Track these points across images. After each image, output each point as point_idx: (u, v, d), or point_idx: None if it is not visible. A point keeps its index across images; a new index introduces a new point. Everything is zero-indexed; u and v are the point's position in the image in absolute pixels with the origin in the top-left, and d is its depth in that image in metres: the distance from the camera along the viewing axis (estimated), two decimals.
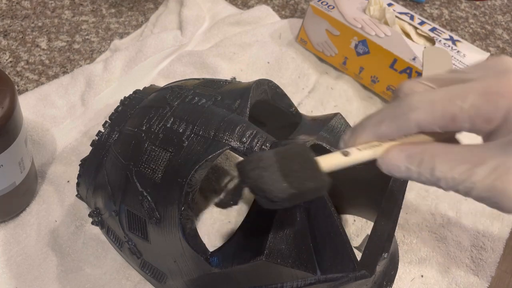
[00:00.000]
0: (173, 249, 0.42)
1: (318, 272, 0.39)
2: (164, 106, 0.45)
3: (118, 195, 0.43)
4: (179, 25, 0.73)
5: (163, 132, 0.43)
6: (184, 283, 0.44)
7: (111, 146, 0.46)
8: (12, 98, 0.45)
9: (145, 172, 0.42)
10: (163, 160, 0.41)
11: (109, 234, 0.48)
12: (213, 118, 0.42)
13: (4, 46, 0.69)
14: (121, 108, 0.48)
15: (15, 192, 0.50)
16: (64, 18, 0.74)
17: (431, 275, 0.52)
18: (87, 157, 0.48)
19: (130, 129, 0.45)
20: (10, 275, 0.49)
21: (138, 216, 0.43)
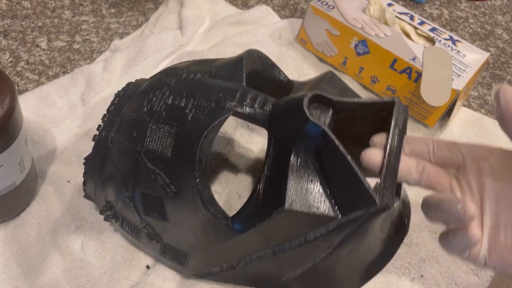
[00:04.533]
0: (193, 221, 0.42)
1: (339, 215, 0.38)
2: (161, 87, 0.45)
3: (130, 180, 0.44)
4: (179, 25, 0.73)
5: (165, 110, 0.43)
6: (207, 257, 0.45)
7: (115, 136, 0.46)
8: (12, 98, 0.45)
9: (154, 150, 0.42)
10: (170, 135, 0.42)
11: (123, 226, 0.48)
12: (212, 89, 0.43)
13: (4, 46, 0.69)
14: (118, 100, 0.48)
15: (15, 192, 0.50)
16: (64, 18, 0.74)
17: (431, 275, 0.52)
18: (90, 154, 0.48)
19: (131, 114, 0.46)
20: (10, 275, 0.49)
21: (153, 196, 0.43)
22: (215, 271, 0.46)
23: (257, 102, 0.42)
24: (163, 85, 0.45)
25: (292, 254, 0.41)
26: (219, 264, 0.46)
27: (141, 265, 0.50)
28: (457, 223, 0.38)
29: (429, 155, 0.41)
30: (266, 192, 0.40)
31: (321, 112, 0.41)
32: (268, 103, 0.43)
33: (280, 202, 0.38)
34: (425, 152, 0.41)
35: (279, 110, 0.42)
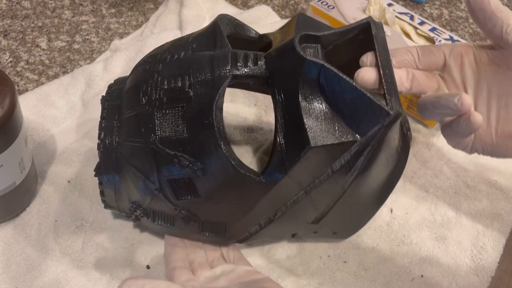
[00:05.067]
0: (227, 189, 0.43)
1: (358, 137, 0.41)
2: (151, 75, 0.45)
3: (153, 173, 0.43)
4: (179, 25, 0.73)
5: (165, 95, 0.43)
6: (246, 220, 0.46)
7: (120, 138, 0.46)
8: (12, 98, 0.45)
9: (169, 136, 0.42)
10: (179, 117, 0.42)
11: (156, 220, 0.47)
12: (202, 61, 0.43)
13: (4, 46, 0.69)
14: (107, 104, 0.48)
15: (15, 192, 0.50)
16: (64, 18, 0.74)
17: (431, 275, 0.52)
18: (100, 164, 0.46)
19: (129, 111, 0.45)
20: (10, 275, 0.49)
21: (181, 179, 0.43)
22: (255, 231, 0.47)
23: (249, 60, 0.43)
24: (152, 73, 0.45)
25: (322, 189, 0.44)
26: (258, 223, 0.47)
27: (141, 265, 0.50)
28: (454, 115, 0.42)
29: (415, 63, 0.46)
30: (287, 139, 0.42)
31: (312, 50, 0.43)
32: (260, 58, 0.43)
33: (304, 142, 0.40)
34: (411, 60, 0.46)
35: (274, 60, 0.43)
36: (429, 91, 0.46)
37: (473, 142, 0.46)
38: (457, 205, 0.58)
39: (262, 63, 0.43)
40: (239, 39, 0.48)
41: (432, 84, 0.46)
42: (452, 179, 0.60)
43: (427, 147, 0.62)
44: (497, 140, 0.45)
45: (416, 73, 0.46)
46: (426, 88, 0.46)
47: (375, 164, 0.43)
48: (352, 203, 0.47)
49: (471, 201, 0.58)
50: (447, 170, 0.60)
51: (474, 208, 0.57)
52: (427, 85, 0.46)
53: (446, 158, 0.62)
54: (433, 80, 0.46)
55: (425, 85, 0.46)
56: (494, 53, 0.45)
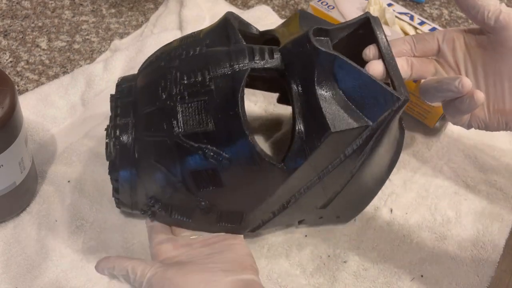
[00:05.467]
0: (250, 177, 0.44)
1: (370, 123, 0.43)
2: (168, 71, 0.46)
3: (176, 166, 0.44)
4: (179, 25, 0.73)
5: (185, 89, 0.44)
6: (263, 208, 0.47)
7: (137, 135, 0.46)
8: (12, 98, 0.45)
9: (193, 129, 0.43)
10: (203, 110, 0.44)
11: (173, 215, 0.48)
12: (219, 57, 0.45)
13: (4, 46, 0.69)
14: (119, 102, 0.48)
15: (15, 192, 0.50)
16: (64, 18, 0.74)
17: (431, 275, 0.52)
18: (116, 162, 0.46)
19: (149, 107, 0.46)
20: (10, 275, 0.49)
21: (205, 170, 0.44)
22: (268, 218, 0.49)
23: (266, 53, 0.45)
24: (169, 69, 0.46)
25: (334, 174, 0.46)
26: (272, 211, 0.48)
27: None
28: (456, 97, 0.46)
29: (412, 51, 0.50)
30: (306, 127, 0.44)
31: (323, 42, 0.45)
32: (275, 51, 0.45)
33: (324, 128, 0.42)
34: (408, 49, 0.50)
35: (289, 52, 0.45)
36: (428, 75, 0.50)
37: (469, 119, 0.50)
38: (457, 205, 0.58)
39: (278, 56, 0.45)
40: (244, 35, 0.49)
41: (430, 69, 0.50)
42: (452, 179, 0.60)
43: (427, 147, 0.62)
44: (489, 116, 0.49)
45: (414, 60, 0.50)
46: (424, 73, 0.50)
47: (380, 148, 0.46)
48: (356, 187, 0.49)
49: (471, 201, 0.58)
50: (447, 170, 0.60)
51: (474, 208, 0.57)
52: (426, 70, 0.50)
53: (446, 158, 0.62)
54: (430, 65, 0.50)
55: (423, 70, 0.50)
56: (481, 37, 0.49)
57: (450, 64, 0.50)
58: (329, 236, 0.54)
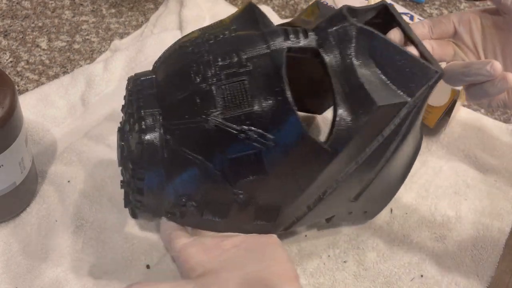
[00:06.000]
0: (295, 159, 0.43)
1: (409, 98, 0.43)
2: (199, 55, 0.44)
3: (214, 153, 0.42)
4: (179, 25, 0.73)
5: (221, 71, 0.43)
6: (300, 200, 0.46)
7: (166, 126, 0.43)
8: (12, 98, 0.45)
9: (234, 111, 0.42)
10: (243, 90, 0.42)
11: (205, 215, 0.45)
12: (253, 38, 0.44)
13: (5, 46, 0.69)
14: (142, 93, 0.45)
15: (16, 192, 0.50)
16: (64, 18, 0.74)
17: (431, 275, 0.52)
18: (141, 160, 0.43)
19: (180, 93, 0.43)
20: (10, 275, 0.49)
21: (246, 156, 0.42)
22: (303, 214, 0.48)
23: (300, 34, 0.44)
24: (200, 53, 0.44)
25: (371, 158, 0.45)
26: (308, 204, 0.47)
27: (141, 265, 0.50)
28: (485, 80, 0.46)
29: (429, 34, 0.50)
30: (349, 104, 0.43)
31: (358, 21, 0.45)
32: (309, 31, 0.45)
33: (370, 103, 0.42)
34: (426, 32, 0.50)
35: (324, 31, 0.45)
36: (447, 57, 0.51)
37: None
38: (457, 205, 0.58)
39: (312, 35, 0.44)
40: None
41: (449, 51, 0.50)
42: (452, 179, 0.60)
43: (427, 147, 0.62)
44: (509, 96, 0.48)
45: (434, 43, 0.50)
46: (444, 55, 0.50)
47: (411, 132, 0.46)
48: (387, 176, 0.49)
49: (471, 201, 0.58)
50: (447, 170, 0.60)
51: (474, 208, 0.57)
52: (445, 52, 0.50)
53: (446, 158, 0.62)
54: (449, 47, 0.50)
55: (443, 53, 0.50)
56: (497, 18, 0.49)
57: (468, 46, 0.50)
58: (329, 236, 0.54)
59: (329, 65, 0.44)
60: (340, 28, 0.44)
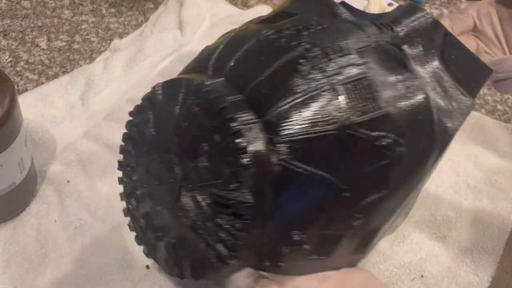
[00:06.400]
0: (423, 168, 0.38)
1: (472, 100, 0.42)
2: (304, 50, 0.36)
3: (340, 168, 0.34)
4: (179, 25, 0.73)
5: (339, 66, 0.36)
6: (397, 213, 0.41)
7: (281, 135, 0.34)
8: (11, 98, 0.45)
9: (364, 114, 0.34)
10: (369, 88, 0.35)
11: (314, 253, 0.36)
12: (353, 30, 0.39)
13: (4, 46, 0.69)
14: (228, 101, 0.35)
15: (15, 192, 0.50)
16: (64, 18, 0.74)
17: (431, 275, 0.52)
18: (244, 205, 0.33)
19: (293, 98, 0.34)
20: (9, 275, 0.49)
21: (377, 168, 0.35)
22: (382, 236, 0.42)
23: (388, 27, 0.42)
24: (303, 46, 0.36)
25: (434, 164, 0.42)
26: (396, 224, 0.44)
27: (141, 265, 0.50)
28: None
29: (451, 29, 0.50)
30: (442, 100, 0.40)
31: None
32: (391, 25, 0.43)
33: (468, 99, 0.40)
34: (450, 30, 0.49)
35: (404, 24, 0.43)
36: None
37: None
38: (457, 205, 0.57)
39: (397, 29, 0.42)
40: None
41: (473, 45, 0.51)
42: (452, 178, 0.60)
43: None
44: None
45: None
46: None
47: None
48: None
49: (471, 201, 0.58)
50: (447, 170, 0.60)
51: (474, 208, 0.57)
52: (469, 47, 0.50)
53: (446, 158, 0.61)
54: (471, 41, 0.51)
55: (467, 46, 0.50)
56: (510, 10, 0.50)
57: (490, 37, 0.51)
58: None
59: (411, 58, 0.41)
60: (416, 20, 0.42)
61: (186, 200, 0.35)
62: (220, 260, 0.34)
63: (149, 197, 0.39)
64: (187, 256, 0.36)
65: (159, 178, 0.37)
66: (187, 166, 0.34)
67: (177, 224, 0.37)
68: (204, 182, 0.34)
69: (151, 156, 0.38)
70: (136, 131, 0.40)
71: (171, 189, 0.36)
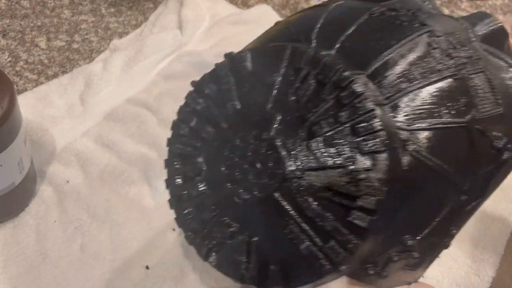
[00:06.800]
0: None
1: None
2: (427, 31, 0.33)
3: (468, 166, 0.31)
4: (178, 25, 0.73)
5: (457, 51, 0.32)
6: None
7: (411, 128, 0.30)
8: (11, 98, 0.45)
9: (487, 111, 0.32)
10: (489, 81, 0.32)
11: (424, 261, 0.33)
12: (453, 23, 0.37)
13: (3, 45, 0.69)
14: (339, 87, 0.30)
15: (14, 192, 0.50)
16: (63, 18, 0.74)
17: (431, 275, 0.52)
18: (372, 201, 0.28)
19: (420, 82, 0.31)
20: (9, 275, 0.49)
21: (490, 171, 0.33)
22: None
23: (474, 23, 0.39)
24: (421, 27, 0.33)
25: None
26: None
27: (140, 266, 0.50)
28: None
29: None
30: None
31: None
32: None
33: None
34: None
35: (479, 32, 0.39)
36: None
37: None
38: None
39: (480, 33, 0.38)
40: None
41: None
42: None
43: None
44: None
45: None
46: None
47: None
48: None
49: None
50: None
51: None
52: None
53: None
54: None
55: None
56: None
57: None
58: None
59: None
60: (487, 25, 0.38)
61: (289, 189, 0.29)
62: (332, 264, 0.28)
63: (222, 184, 0.32)
64: (275, 258, 0.30)
65: (245, 161, 0.31)
66: (295, 147, 0.29)
67: (264, 219, 0.31)
68: (320, 166, 0.28)
69: (231, 134, 0.32)
70: (205, 104, 0.35)
71: (267, 175, 0.30)
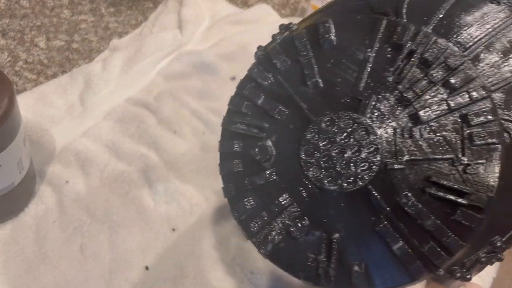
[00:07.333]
0: None
1: None
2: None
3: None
4: (178, 25, 0.73)
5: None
6: None
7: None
8: (10, 97, 0.45)
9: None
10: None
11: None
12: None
13: (3, 45, 0.69)
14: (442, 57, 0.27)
15: (14, 192, 0.50)
16: (63, 18, 0.74)
17: None
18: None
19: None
20: (8, 276, 0.49)
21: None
22: None
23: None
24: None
25: None
26: None
27: (140, 266, 0.50)
28: None
29: None
30: None
31: None
32: None
33: None
34: None
35: None
36: None
37: None
38: None
39: None
40: None
41: None
42: None
43: None
44: None
45: None
46: None
47: None
48: None
49: None
50: None
51: None
52: None
53: None
54: None
55: None
56: None
57: None
58: None
59: None
60: None
61: (385, 182, 0.27)
62: (429, 267, 0.27)
63: (298, 172, 0.29)
64: (360, 259, 0.28)
65: (332, 148, 0.28)
66: (395, 133, 0.26)
67: (351, 215, 0.28)
68: (424, 157, 0.26)
69: (313, 116, 0.29)
70: (274, 79, 0.31)
71: (359, 165, 0.27)
